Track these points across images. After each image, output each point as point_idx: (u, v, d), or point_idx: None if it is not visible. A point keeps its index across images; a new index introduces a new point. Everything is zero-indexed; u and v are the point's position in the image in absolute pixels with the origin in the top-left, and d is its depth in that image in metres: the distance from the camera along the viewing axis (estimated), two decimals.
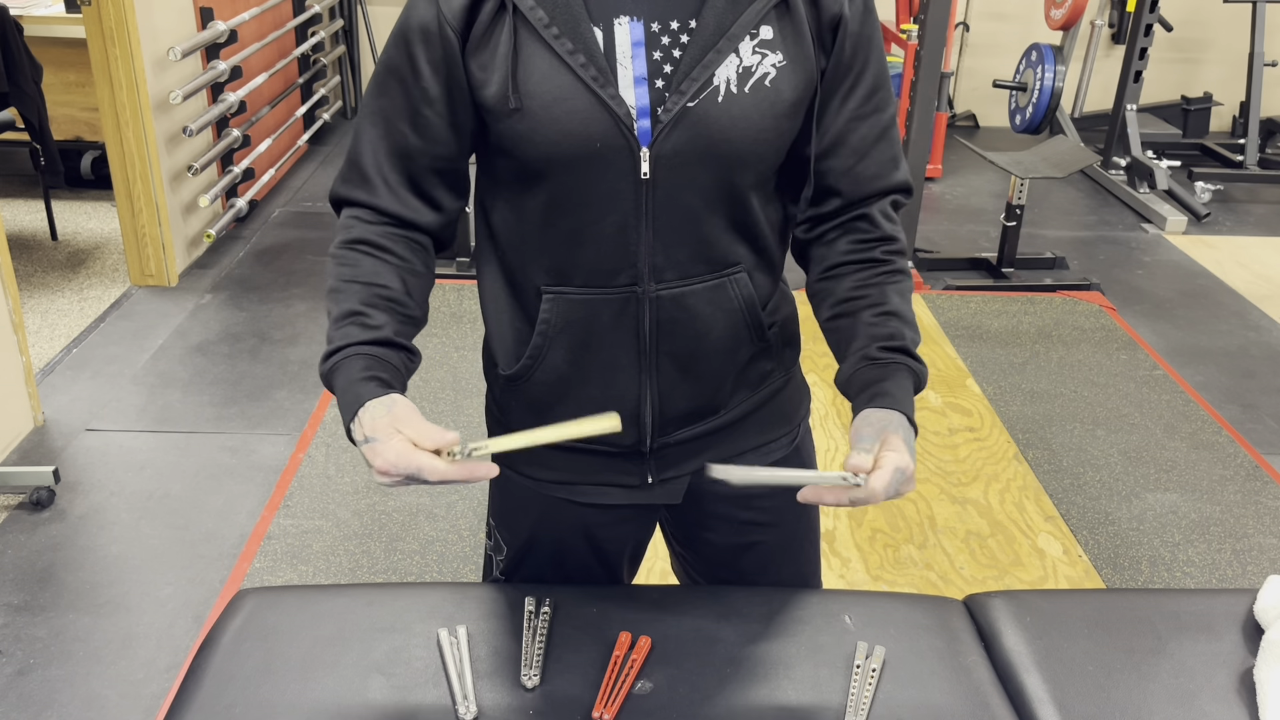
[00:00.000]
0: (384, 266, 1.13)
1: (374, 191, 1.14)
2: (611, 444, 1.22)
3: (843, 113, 1.15)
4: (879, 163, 1.18)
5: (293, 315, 3.70)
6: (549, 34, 1.05)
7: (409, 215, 1.15)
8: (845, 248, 1.20)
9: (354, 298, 1.11)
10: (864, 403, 1.11)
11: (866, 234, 1.19)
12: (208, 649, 1.21)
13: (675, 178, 1.09)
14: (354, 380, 1.06)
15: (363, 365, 1.07)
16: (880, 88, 1.17)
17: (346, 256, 1.13)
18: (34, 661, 2.16)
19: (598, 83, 1.05)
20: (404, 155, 1.13)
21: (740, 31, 1.07)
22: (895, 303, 1.17)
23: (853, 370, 1.15)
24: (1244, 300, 4.11)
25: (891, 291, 1.18)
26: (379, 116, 1.13)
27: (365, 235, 1.14)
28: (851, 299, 1.18)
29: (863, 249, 1.19)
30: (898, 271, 1.20)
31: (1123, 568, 2.54)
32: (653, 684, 1.15)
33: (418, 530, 2.58)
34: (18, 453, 2.87)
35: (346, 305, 1.10)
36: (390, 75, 1.12)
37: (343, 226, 1.16)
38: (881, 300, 1.17)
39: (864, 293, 1.18)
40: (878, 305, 1.16)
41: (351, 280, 1.12)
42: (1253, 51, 5.18)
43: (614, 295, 1.13)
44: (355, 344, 1.08)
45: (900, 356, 1.14)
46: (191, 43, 3.82)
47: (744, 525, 1.33)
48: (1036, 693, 1.19)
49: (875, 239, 1.19)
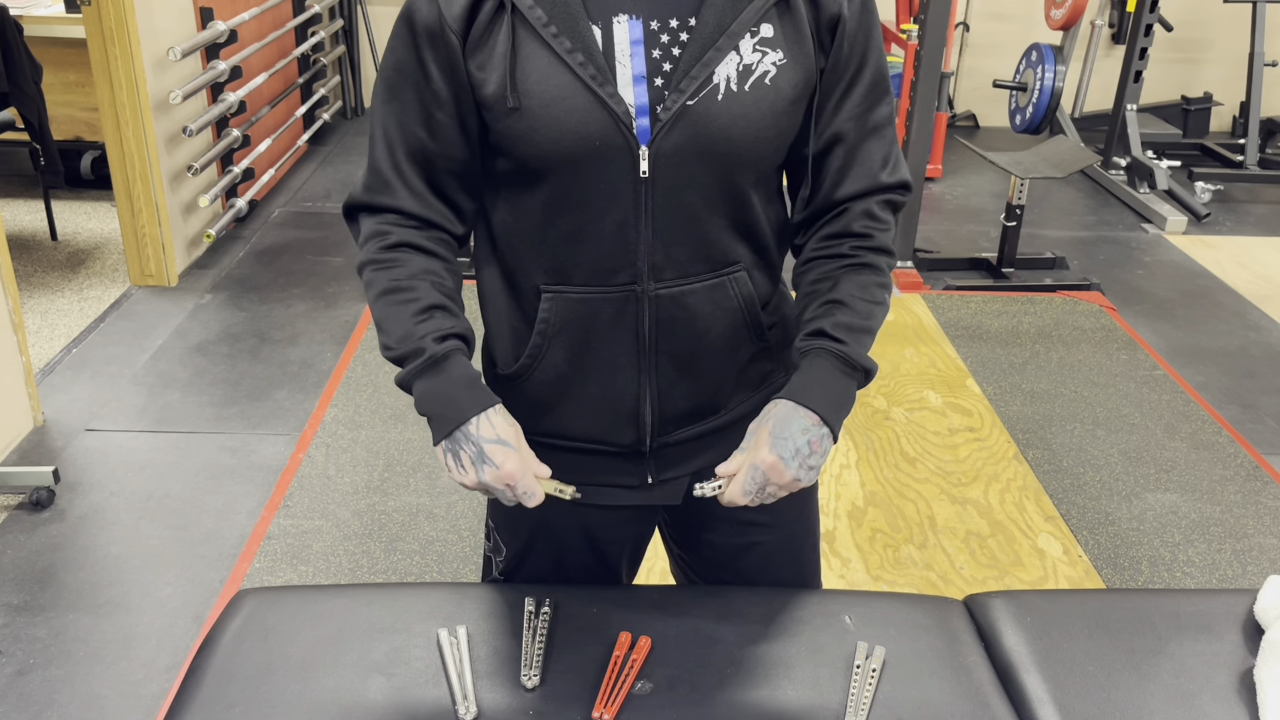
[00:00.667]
0: (437, 265, 1.14)
1: (398, 196, 1.14)
2: (611, 444, 1.22)
3: (839, 112, 1.15)
4: (870, 161, 1.17)
5: (293, 315, 3.70)
6: (547, 33, 1.05)
7: (434, 218, 1.15)
8: (815, 245, 1.20)
9: (428, 292, 1.12)
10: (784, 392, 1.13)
11: (837, 230, 1.18)
12: (208, 649, 1.21)
13: (675, 176, 1.09)
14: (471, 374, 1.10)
15: (468, 363, 1.11)
16: (877, 86, 1.15)
17: (394, 258, 1.13)
18: (34, 661, 2.16)
19: (596, 81, 1.05)
20: (423, 159, 1.13)
21: (740, 29, 1.07)
22: (844, 290, 1.14)
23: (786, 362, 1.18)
24: (1244, 300, 4.10)
25: (845, 280, 1.15)
26: (394, 120, 1.12)
27: (406, 238, 1.14)
28: (807, 294, 1.18)
29: (830, 244, 1.18)
30: (863, 265, 1.16)
31: (1123, 568, 2.54)
32: (653, 684, 1.15)
33: (418, 530, 2.58)
34: (17, 453, 2.87)
35: (424, 300, 1.11)
36: (402, 78, 1.11)
37: (375, 233, 1.15)
38: (829, 290, 1.15)
39: (816, 287, 1.17)
40: (824, 295, 1.15)
41: (413, 277, 1.12)
42: (1253, 51, 5.18)
43: (613, 294, 1.13)
44: (455, 336, 1.11)
45: (816, 341, 1.12)
46: (191, 43, 3.82)
47: (743, 526, 1.33)
48: (1036, 693, 1.19)
49: (845, 234, 1.18)
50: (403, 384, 1.11)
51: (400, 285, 1.11)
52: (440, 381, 1.09)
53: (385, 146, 1.13)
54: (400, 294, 1.11)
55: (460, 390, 1.09)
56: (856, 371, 1.12)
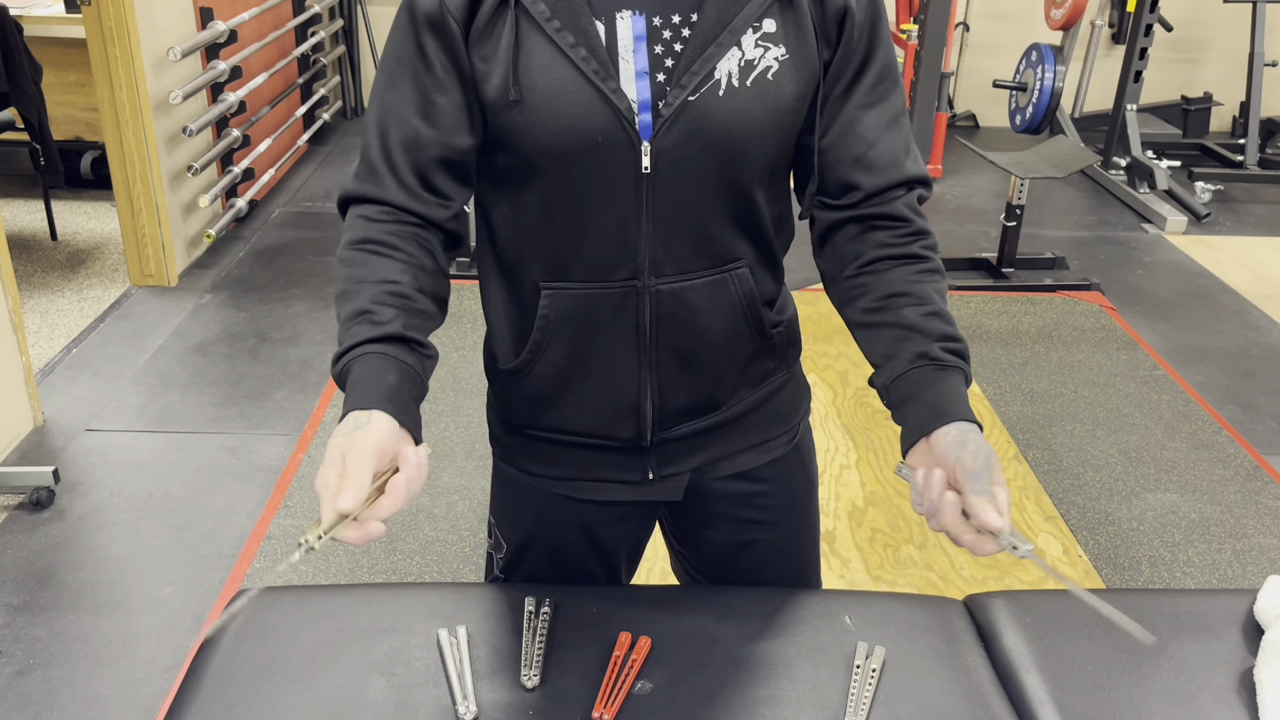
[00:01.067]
0: (391, 264, 1.10)
1: (382, 185, 1.12)
2: (612, 438, 1.22)
3: (849, 100, 1.13)
4: (892, 150, 1.15)
5: (293, 315, 3.70)
6: (550, 27, 1.04)
7: (416, 208, 1.13)
8: (882, 240, 1.15)
9: (362, 297, 1.08)
10: (927, 412, 1.05)
11: (901, 228, 1.15)
12: (208, 649, 1.21)
13: (676, 172, 1.08)
14: (357, 383, 1.02)
15: (372, 365, 1.03)
16: (887, 76, 1.14)
17: (354, 257, 1.11)
18: (34, 661, 2.16)
19: (599, 76, 1.05)
20: (414, 146, 1.11)
21: (742, 25, 1.07)
22: (939, 303, 1.12)
23: (906, 368, 1.09)
24: (1244, 300, 4.10)
25: (933, 291, 1.13)
26: (389, 109, 1.11)
27: (371, 234, 1.12)
28: (895, 294, 1.13)
29: (901, 243, 1.15)
30: (937, 271, 1.15)
31: (1123, 568, 2.54)
32: (653, 684, 1.15)
33: (418, 530, 2.58)
34: (17, 453, 2.87)
35: (355, 304, 1.07)
36: (400, 66, 1.10)
37: (349, 228, 1.14)
38: (926, 299, 1.12)
39: (908, 289, 1.13)
40: (924, 304, 1.12)
41: (360, 280, 1.09)
42: (1253, 51, 5.18)
43: (613, 290, 1.13)
44: (364, 342, 1.05)
45: (957, 360, 1.09)
46: (191, 43, 3.82)
47: (744, 524, 1.33)
48: (1036, 693, 1.19)
49: (912, 233, 1.15)
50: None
51: (344, 289, 1.09)
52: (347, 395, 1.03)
53: (378, 135, 1.12)
54: (342, 297, 1.09)
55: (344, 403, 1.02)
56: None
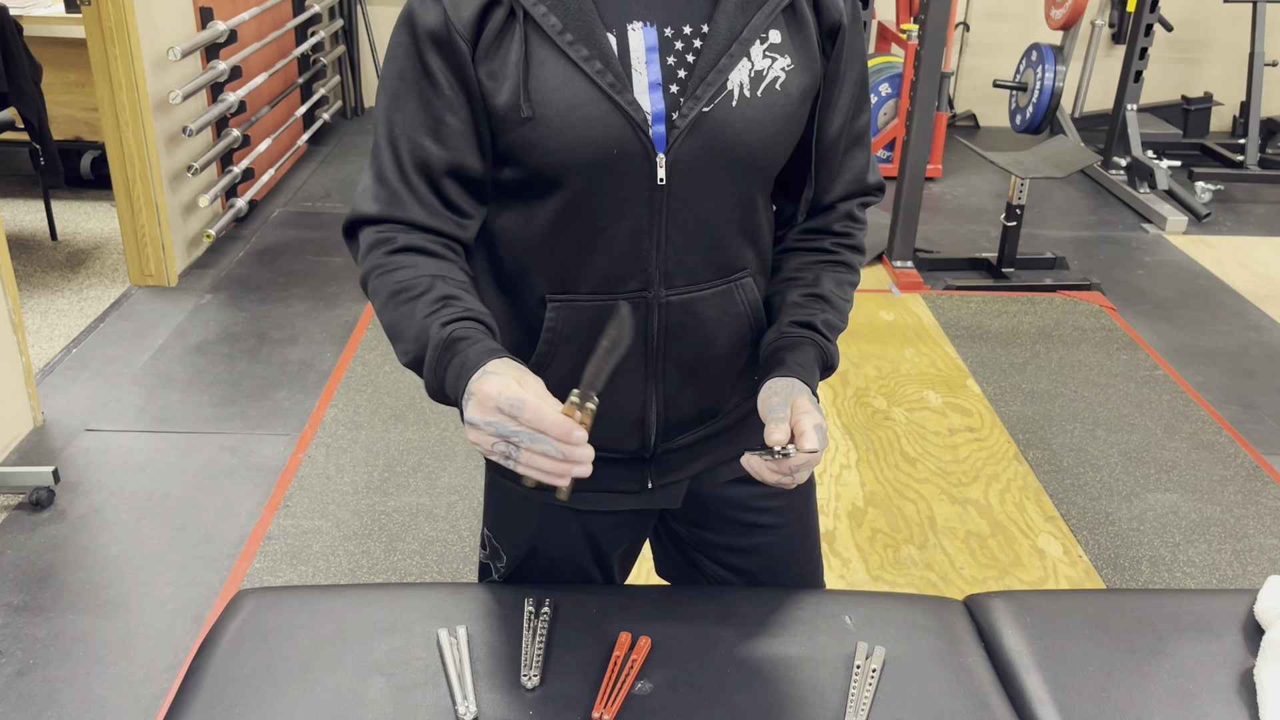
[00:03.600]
0: (446, 264, 1.09)
1: (407, 208, 1.10)
2: (615, 450, 1.21)
3: (834, 118, 1.18)
4: (856, 166, 1.24)
5: (293, 315, 3.70)
6: (563, 40, 1.03)
7: (445, 228, 1.11)
8: (797, 236, 1.25)
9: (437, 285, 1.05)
10: (765, 373, 1.14)
11: (820, 227, 1.24)
12: (207, 649, 1.21)
13: (691, 183, 1.08)
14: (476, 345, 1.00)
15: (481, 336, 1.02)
16: (862, 93, 1.21)
17: (399, 261, 1.08)
18: (34, 661, 2.16)
19: (614, 89, 1.04)
20: (428, 168, 1.09)
21: (751, 36, 1.07)
22: (827, 287, 1.21)
23: (767, 340, 1.18)
24: (1244, 300, 4.10)
25: (826, 276, 1.22)
26: (399, 130, 1.08)
27: (412, 243, 1.09)
28: (787, 279, 1.22)
29: (813, 238, 1.24)
30: (842, 263, 1.24)
31: (1123, 568, 2.54)
32: (653, 684, 1.15)
33: (418, 530, 2.58)
34: (17, 453, 2.87)
35: (434, 293, 1.04)
36: (405, 86, 1.07)
37: (378, 241, 1.10)
38: (814, 283, 1.21)
39: (799, 274, 1.22)
40: (808, 286, 1.21)
41: (420, 276, 1.06)
42: (1253, 51, 5.18)
43: (623, 301, 1.13)
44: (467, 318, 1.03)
45: (807, 332, 1.17)
46: (191, 43, 3.82)
47: (745, 527, 1.33)
48: (1037, 693, 1.19)
49: (827, 231, 1.24)
50: (431, 389, 1.03)
51: (406, 286, 1.06)
52: (454, 365, 1.00)
53: (391, 157, 1.09)
54: (407, 293, 1.06)
55: (464, 366, 0.99)
56: (828, 370, 1.19)
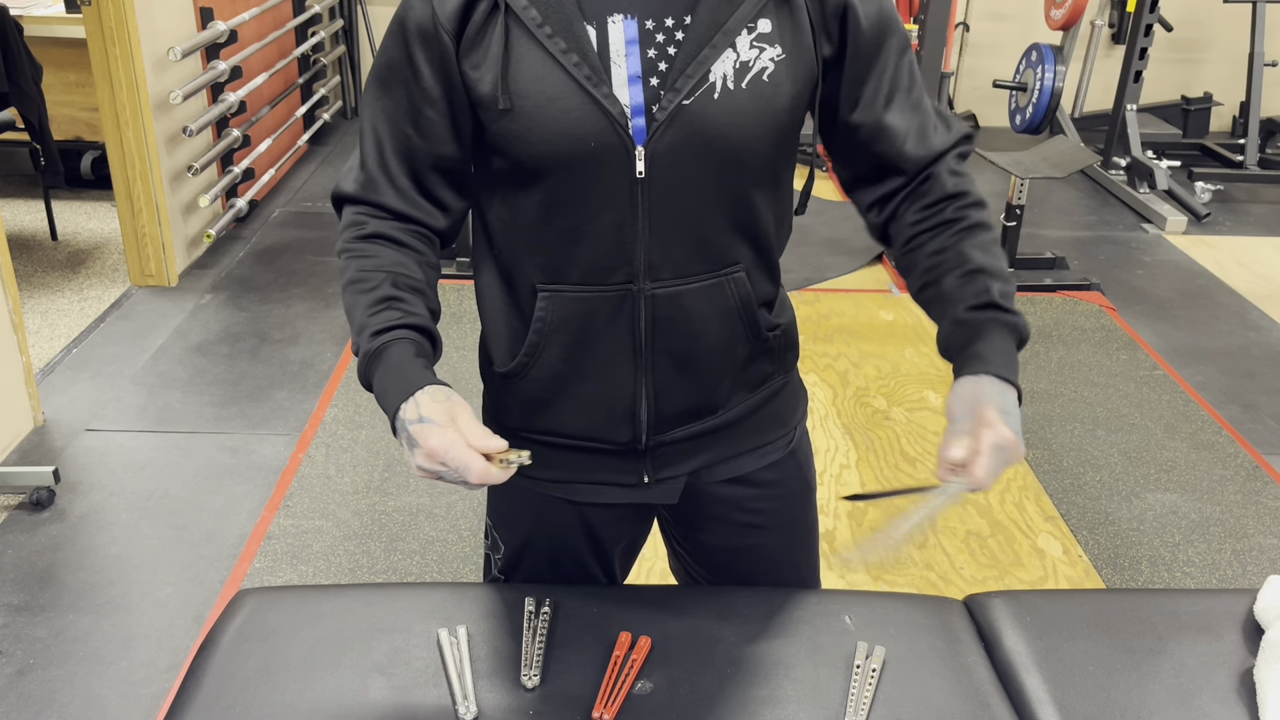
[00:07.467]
0: (405, 257, 1.14)
1: (381, 192, 1.14)
2: (608, 441, 1.22)
3: (878, 99, 1.15)
4: (925, 132, 1.18)
5: (293, 315, 3.70)
6: (542, 33, 1.04)
7: (418, 215, 1.16)
8: (914, 217, 1.18)
9: (385, 285, 1.10)
10: (956, 370, 1.09)
11: (932, 196, 1.18)
12: (208, 649, 1.21)
13: (672, 176, 1.08)
14: (407, 360, 1.05)
15: (414, 350, 1.07)
16: (906, 50, 1.16)
17: (364, 249, 1.14)
18: (34, 661, 2.16)
19: (591, 82, 1.04)
20: (409, 156, 1.13)
21: (736, 25, 1.06)
22: (976, 258, 1.14)
23: (944, 336, 1.13)
24: (1244, 300, 4.10)
25: (970, 247, 1.15)
26: (383, 116, 1.13)
27: (381, 230, 1.14)
28: (932, 267, 1.16)
29: (932, 213, 1.18)
30: (974, 225, 1.17)
31: (1123, 568, 2.54)
32: (653, 684, 1.15)
33: (418, 530, 2.58)
34: (18, 453, 2.87)
35: (380, 292, 1.10)
36: (392, 75, 1.12)
37: (353, 223, 1.16)
38: (961, 260, 1.14)
39: (942, 257, 1.15)
40: (959, 266, 1.14)
41: (377, 269, 1.12)
42: (1253, 51, 5.18)
43: (610, 293, 1.13)
44: (400, 326, 1.08)
45: (989, 312, 1.11)
46: (191, 43, 3.82)
47: (742, 528, 1.33)
48: (1036, 693, 1.19)
49: (941, 199, 1.17)
50: (363, 382, 1.09)
51: (363, 276, 1.11)
52: (381, 374, 1.06)
53: (374, 143, 1.14)
54: (361, 284, 1.11)
55: (393, 380, 1.05)
56: (1022, 343, 1.13)
